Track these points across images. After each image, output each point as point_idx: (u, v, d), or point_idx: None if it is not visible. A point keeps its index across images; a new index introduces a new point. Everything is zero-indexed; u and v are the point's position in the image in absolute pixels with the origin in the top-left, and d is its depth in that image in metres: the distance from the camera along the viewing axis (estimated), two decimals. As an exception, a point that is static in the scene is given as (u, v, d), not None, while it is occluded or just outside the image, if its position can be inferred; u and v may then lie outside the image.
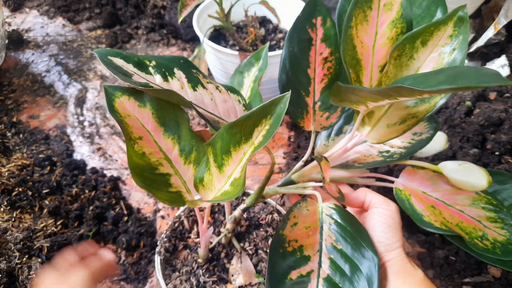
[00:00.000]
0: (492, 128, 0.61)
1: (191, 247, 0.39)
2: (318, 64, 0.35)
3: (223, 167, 0.27)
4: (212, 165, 0.27)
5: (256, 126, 0.23)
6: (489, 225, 0.30)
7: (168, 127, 0.28)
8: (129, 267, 0.52)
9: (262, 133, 0.23)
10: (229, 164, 0.26)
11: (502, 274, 0.48)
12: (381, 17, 0.28)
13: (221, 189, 0.27)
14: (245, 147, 0.24)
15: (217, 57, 0.66)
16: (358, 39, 0.28)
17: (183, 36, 0.95)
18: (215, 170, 0.27)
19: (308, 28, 0.34)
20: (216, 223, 0.41)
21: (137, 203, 0.61)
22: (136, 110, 0.27)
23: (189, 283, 0.35)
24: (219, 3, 0.65)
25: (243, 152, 0.25)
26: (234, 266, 0.37)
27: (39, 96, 0.81)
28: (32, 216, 0.56)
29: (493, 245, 0.29)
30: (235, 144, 0.25)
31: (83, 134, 0.73)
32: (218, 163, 0.27)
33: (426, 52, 0.27)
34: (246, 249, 0.38)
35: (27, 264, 0.49)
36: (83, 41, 0.97)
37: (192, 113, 0.75)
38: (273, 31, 0.76)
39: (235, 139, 0.25)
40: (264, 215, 0.41)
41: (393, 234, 0.30)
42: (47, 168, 0.63)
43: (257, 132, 0.24)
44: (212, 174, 0.27)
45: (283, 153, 0.70)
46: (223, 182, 0.27)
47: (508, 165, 0.55)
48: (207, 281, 0.36)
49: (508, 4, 0.79)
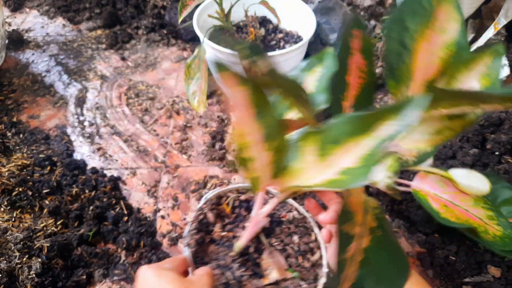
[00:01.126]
0: (492, 128, 0.61)
1: (217, 240, 0.38)
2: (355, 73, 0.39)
3: (326, 156, 0.27)
4: (310, 153, 0.28)
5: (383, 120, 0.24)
6: (489, 222, 0.36)
7: (259, 110, 0.28)
8: (129, 267, 0.52)
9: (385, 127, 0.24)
10: (335, 153, 0.26)
11: (502, 274, 0.48)
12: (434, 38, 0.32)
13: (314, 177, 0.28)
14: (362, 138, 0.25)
15: (217, 57, 0.66)
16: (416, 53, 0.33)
17: (183, 36, 0.95)
18: (313, 158, 0.28)
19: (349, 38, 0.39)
20: (239, 217, 0.41)
21: (137, 203, 0.61)
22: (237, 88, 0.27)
23: (225, 277, 0.35)
24: (219, 3, 0.65)
25: (356, 143, 0.25)
26: (265, 261, 0.37)
27: (39, 96, 0.81)
28: (32, 216, 0.56)
29: (494, 239, 0.35)
30: (353, 134, 0.25)
31: (83, 134, 0.73)
32: (320, 152, 0.27)
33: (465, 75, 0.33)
34: (273, 245, 0.39)
35: (27, 264, 0.49)
36: (83, 41, 0.97)
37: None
38: (273, 31, 0.76)
39: (355, 130, 0.25)
40: (284, 213, 0.42)
41: None
42: (47, 168, 0.63)
43: (381, 125, 0.24)
44: (305, 162, 0.28)
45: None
46: (320, 171, 0.27)
47: (508, 165, 0.55)
48: (243, 275, 0.35)
49: (508, 4, 0.79)
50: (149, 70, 0.88)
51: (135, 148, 0.70)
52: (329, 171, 0.27)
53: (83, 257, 0.53)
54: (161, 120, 0.76)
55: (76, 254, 0.52)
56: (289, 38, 0.73)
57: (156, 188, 0.64)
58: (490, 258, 0.49)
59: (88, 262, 0.52)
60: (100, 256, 0.53)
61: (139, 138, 0.73)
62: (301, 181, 0.28)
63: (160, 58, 0.91)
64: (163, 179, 0.65)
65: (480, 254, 0.49)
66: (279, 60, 0.63)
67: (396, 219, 0.55)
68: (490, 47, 0.32)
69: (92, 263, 0.52)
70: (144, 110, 0.78)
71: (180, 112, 0.77)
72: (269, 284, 0.35)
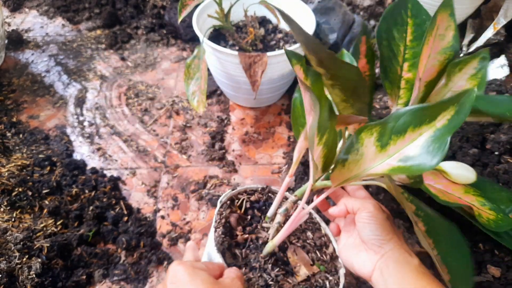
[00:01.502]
0: (492, 128, 0.61)
1: (241, 243, 0.39)
2: None
3: (387, 146, 0.29)
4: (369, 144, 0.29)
5: (444, 110, 0.26)
6: (481, 208, 0.41)
7: (315, 103, 0.29)
8: (129, 267, 0.52)
9: (446, 117, 0.26)
10: (395, 143, 0.28)
11: (502, 273, 0.48)
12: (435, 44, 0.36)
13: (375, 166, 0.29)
14: (424, 128, 0.27)
15: (216, 57, 0.66)
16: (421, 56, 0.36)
17: (182, 36, 0.95)
18: (373, 149, 0.29)
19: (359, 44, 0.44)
20: (254, 218, 0.41)
21: (137, 203, 0.61)
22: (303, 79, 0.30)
23: (263, 279, 0.35)
24: (219, 3, 0.65)
25: (419, 133, 0.27)
26: (292, 259, 0.38)
27: (38, 96, 0.81)
28: (32, 216, 0.56)
29: (488, 221, 0.40)
30: (416, 125, 0.27)
31: (83, 134, 0.73)
32: (382, 142, 0.29)
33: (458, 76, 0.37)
34: (292, 242, 0.40)
35: (27, 264, 0.49)
36: (83, 41, 0.97)
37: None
38: (272, 31, 0.76)
39: (417, 121, 0.27)
40: (292, 211, 0.42)
41: (382, 230, 0.33)
42: (47, 168, 0.63)
43: (442, 116, 0.26)
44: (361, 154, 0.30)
45: (282, 153, 0.70)
46: (380, 160, 0.29)
47: (508, 165, 0.55)
48: (278, 275, 0.36)
49: (507, 4, 0.79)
50: (149, 70, 0.88)
51: (134, 148, 0.70)
52: (390, 160, 0.28)
53: (83, 257, 0.53)
54: (160, 120, 0.76)
55: (76, 254, 0.52)
56: (288, 38, 0.73)
57: (156, 188, 0.64)
58: (490, 258, 0.49)
59: (88, 262, 0.52)
60: (100, 256, 0.53)
61: (138, 138, 0.73)
62: (362, 170, 0.30)
63: (159, 58, 0.91)
64: (162, 179, 0.65)
65: (480, 254, 0.49)
66: (278, 60, 0.63)
67: (396, 219, 0.55)
68: (477, 52, 0.37)
69: (92, 263, 0.52)
70: (143, 110, 0.78)
71: (179, 112, 0.77)
72: (302, 281, 0.36)
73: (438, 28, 0.35)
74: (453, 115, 0.26)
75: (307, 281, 0.36)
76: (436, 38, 0.35)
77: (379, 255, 0.33)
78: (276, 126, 0.74)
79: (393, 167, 0.28)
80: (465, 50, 0.86)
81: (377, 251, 0.33)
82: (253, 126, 0.74)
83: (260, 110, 0.78)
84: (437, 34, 0.35)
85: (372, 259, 0.33)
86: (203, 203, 0.61)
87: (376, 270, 0.32)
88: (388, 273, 0.31)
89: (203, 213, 0.60)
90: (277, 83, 0.70)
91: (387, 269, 0.31)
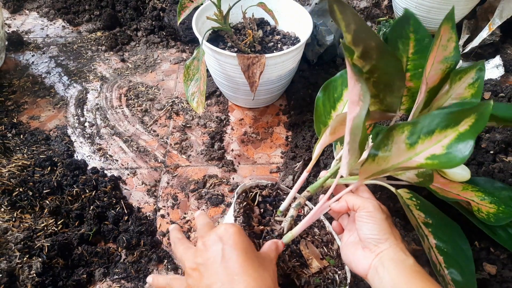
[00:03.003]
0: (487, 127, 0.62)
1: (257, 234, 0.39)
2: None
3: (416, 144, 0.31)
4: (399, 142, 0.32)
5: (466, 117, 0.29)
6: (480, 202, 0.42)
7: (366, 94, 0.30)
8: (129, 265, 0.53)
9: (468, 123, 0.29)
10: (423, 142, 0.31)
11: (498, 271, 0.48)
12: (438, 53, 0.38)
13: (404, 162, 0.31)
14: (449, 131, 0.30)
15: (215, 59, 0.67)
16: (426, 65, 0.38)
17: (182, 38, 0.95)
18: (403, 147, 0.31)
19: None
20: (267, 211, 0.42)
21: (137, 202, 0.62)
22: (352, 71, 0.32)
23: (280, 268, 0.37)
24: (218, 5, 0.66)
25: (444, 135, 0.30)
26: (304, 252, 0.39)
27: (39, 97, 0.81)
28: (33, 216, 0.56)
29: (487, 216, 0.42)
30: (443, 127, 0.30)
31: (83, 135, 0.74)
32: (412, 141, 0.31)
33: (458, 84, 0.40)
34: (303, 237, 0.41)
35: (27, 263, 0.49)
36: (83, 42, 0.98)
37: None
38: (271, 33, 0.77)
39: (444, 124, 0.30)
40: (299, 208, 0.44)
41: (379, 230, 0.34)
42: (48, 169, 0.63)
43: (464, 122, 0.29)
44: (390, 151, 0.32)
45: (280, 152, 0.70)
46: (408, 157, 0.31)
47: (503, 164, 0.56)
48: (295, 265, 0.37)
49: (503, 5, 0.80)
50: (149, 72, 0.89)
51: (135, 148, 0.71)
52: (417, 157, 0.31)
53: (84, 256, 0.53)
54: (160, 120, 0.77)
55: (76, 253, 0.53)
56: (286, 40, 0.74)
57: (156, 187, 0.64)
58: (486, 255, 0.50)
59: (88, 261, 0.53)
60: (101, 255, 0.54)
61: (139, 138, 0.73)
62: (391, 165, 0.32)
63: (159, 60, 0.92)
64: (163, 179, 0.66)
65: (476, 252, 0.50)
66: (277, 61, 0.64)
67: (393, 217, 0.56)
68: (475, 64, 0.41)
69: (92, 262, 0.53)
70: (144, 111, 0.79)
71: (179, 112, 0.78)
72: (315, 272, 0.38)
73: (441, 39, 0.37)
74: (474, 122, 0.28)
75: (320, 274, 0.38)
76: (439, 48, 0.38)
77: (374, 254, 0.33)
78: (274, 126, 0.75)
79: (418, 164, 0.30)
80: (461, 51, 0.87)
81: (373, 249, 0.33)
82: (251, 126, 0.75)
83: (258, 111, 0.78)
84: (440, 44, 0.38)
85: (368, 258, 0.33)
86: (203, 202, 0.62)
87: (371, 269, 0.33)
88: (383, 272, 0.32)
89: (202, 212, 0.61)
90: (275, 84, 0.71)
91: (383, 267, 0.32)
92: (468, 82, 0.40)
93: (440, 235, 0.38)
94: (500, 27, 0.82)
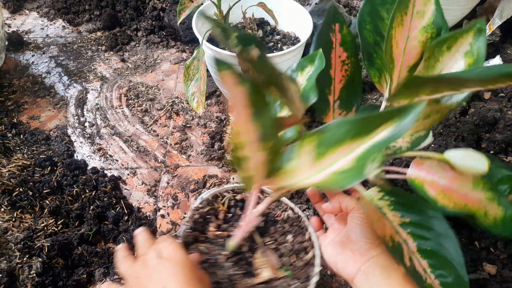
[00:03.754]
0: (487, 128, 0.62)
1: (212, 239, 0.39)
2: (338, 66, 0.39)
3: (322, 157, 0.27)
4: (306, 154, 0.28)
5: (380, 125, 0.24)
6: (489, 204, 0.32)
7: (256, 110, 0.28)
8: (129, 265, 0.53)
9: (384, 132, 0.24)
10: (331, 154, 0.27)
11: (497, 271, 0.48)
12: (413, 23, 0.32)
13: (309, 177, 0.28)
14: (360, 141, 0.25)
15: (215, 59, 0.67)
16: (395, 40, 0.32)
17: (182, 37, 0.95)
18: (310, 159, 0.28)
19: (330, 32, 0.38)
20: (234, 217, 0.42)
21: (137, 202, 0.62)
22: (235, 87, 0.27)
23: (219, 276, 0.36)
24: (218, 5, 0.66)
25: (356, 144, 0.25)
26: (258, 260, 0.38)
27: (39, 97, 0.81)
28: (33, 216, 0.56)
29: (494, 221, 0.32)
30: (352, 137, 0.26)
31: (83, 135, 0.74)
32: (317, 152, 0.28)
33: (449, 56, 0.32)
34: (266, 244, 0.39)
35: (27, 263, 0.49)
36: (83, 42, 0.98)
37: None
38: (271, 33, 0.77)
39: (353, 133, 0.26)
40: (279, 212, 0.42)
41: (372, 234, 0.32)
42: (48, 169, 0.63)
43: (379, 130, 0.25)
44: (301, 163, 0.28)
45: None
46: (315, 171, 0.28)
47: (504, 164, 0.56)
48: (236, 273, 0.36)
49: (503, 5, 0.80)
50: (149, 72, 0.89)
51: (135, 148, 0.71)
52: (324, 171, 0.27)
53: (84, 256, 0.53)
54: (160, 120, 0.77)
55: (76, 253, 0.53)
56: (286, 40, 0.74)
57: (156, 187, 0.64)
58: (486, 255, 0.50)
59: (88, 261, 0.53)
60: (101, 255, 0.54)
61: (139, 138, 0.73)
62: (296, 180, 0.29)
63: (159, 60, 0.92)
64: (163, 179, 0.66)
65: (475, 252, 0.50)
66: (277, 61, 0.64)
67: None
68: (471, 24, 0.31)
69: (92, 262, 0.53)
70: (144, 111, 0.79)
71: (179, 112, 0.78)
72: (261, 283, 0.35)
73: (415, 5, 0.31)
74: (391, 130, 0.24)
75: (267, 284, 0.36)
76: (414, 16, 0.31)
77: (365, 258, 0.32)
78: (274, 127, 0.75)
79: (324, 179, 0.27)
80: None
81: (363, 253, 0.32)
82: (252, 127, 0.75)
83: (259, 111, 0.78)
84: (414, 12, 0.31)
85: (357, 261, 0.32)
86: (203, 202, 0.62)
87: (360, 273, 0.32)
88: (374, 278, 0.31)
89: (202, 212, 0.61)
90: (276, 84, 0.71)
91: (373, 274, 0.31)
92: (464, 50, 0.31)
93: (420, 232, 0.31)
94: (500, 27, 0.82)
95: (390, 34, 0.32)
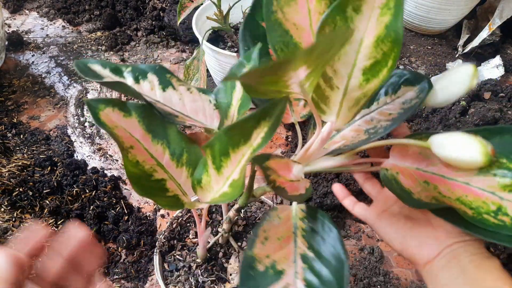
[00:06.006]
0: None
1: (190, 247, 0.39)
2: None
3: (221, 168, 0.26)
4: (211, 166, 0.27)
5: (255, 128, 0.24)
6: (507, 196, 0.23)
7: (156, 133, 0.29)
8: (129, 265, 0.53)
9: (260, 135, 0.24)
10: (227, 165, 0.26)
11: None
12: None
13: (219, 190, 0.27)
14: (244, 148, 0.24)
15: (215, 59, 0.67)
16: (289, 22, 0.26)
17: (182, 37, 0.95)
18: (214, 172, 0.27)
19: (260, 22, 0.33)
20: (214, 223, 0.42)
21: (137, 202, 0.62)
22: (122, 120, 0.27)
23: (188, 283, 0.36)
24: (218, 5, 0.66)
25: (241, 153, 0.25)
26: (232, 265, 0.38)
27: (39, 97, 0.81)
28: (33, 216, 0.56)
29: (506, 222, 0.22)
30: (234, 146, 0.25)
31: (83, 135, 0.74)
32: (216, 165, 0.27)
33: (364, 19, 0.23)
34: (243, 248, 0.39)
35: (28, 263, 0.49)
36: (83, 42, 0.98)
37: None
38: (271, 33, 0.77)
39: (233, 141, 0.25)
40: (261, 214, 0.42)
41: None
42: (48, 168, 0.63)
43: (256, 134, 0.24)
44: (210, 176, 0.28)
45: (281, 152, 0.70)
46: (222, 184, 0.27)
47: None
48: (205, 280, 0.36)
49: (503, 5, 0.80)
50: (149, 71, 0.89)
51: (134, 149, 0.71)
52: (224, 183, 0.26)
53: (84, 256, 0.53)
54: (160, 120, 0.77)
55: (76, 253, 0.53)
56: (287, 39, 0.74)
57: (156, 188, 0.64)
58: (486, 255, 0.50)
59: (88, 261, 0.53)
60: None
61: (138, 138, 0.73)
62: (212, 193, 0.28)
63: (159, 60, 0.92)
64: (162, 179, 0.66)
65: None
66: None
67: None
68: None
69: (92, 262, 0.53)
70: (143, 110, 0.79)
71: (179, 112, 0.78)
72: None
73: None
74: (266, 132, 0.23)
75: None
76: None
77: (452, 241, 0.24)
78: (274, 126, 0.75)
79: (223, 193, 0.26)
80: (461, 51, 0.87)
81: (452, 234, 0.25)
82: (252, 126, 0.75)
83: (259, 111, 0.78)
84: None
85: (442, 242, 0.25)
86: (203, 202, 0.62)
87: (442, 257, 0.24)
88: (462, 267, 0.23)
89: (202, 212, 0.61)
90: (276, 84, 0.71)
91: (462, 260, 0.24)
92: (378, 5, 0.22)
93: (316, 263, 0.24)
94: (500, 27, 0.82)
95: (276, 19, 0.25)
